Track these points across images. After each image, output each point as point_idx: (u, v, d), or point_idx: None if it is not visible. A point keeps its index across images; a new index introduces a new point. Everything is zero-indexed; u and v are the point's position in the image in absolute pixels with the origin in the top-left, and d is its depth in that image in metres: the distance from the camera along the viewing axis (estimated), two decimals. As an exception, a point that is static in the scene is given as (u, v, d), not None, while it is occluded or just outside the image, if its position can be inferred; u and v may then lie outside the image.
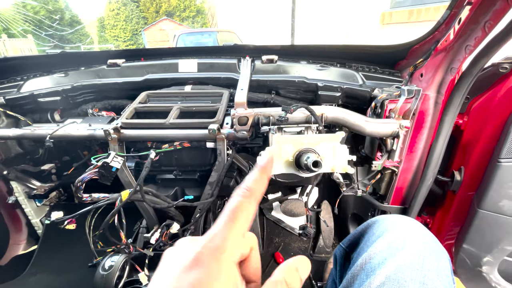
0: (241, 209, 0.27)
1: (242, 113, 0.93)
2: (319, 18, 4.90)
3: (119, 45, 16.13)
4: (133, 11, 16.07)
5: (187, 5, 15.99)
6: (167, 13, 15.46)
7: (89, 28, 17.36)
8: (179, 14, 15.87)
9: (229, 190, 1.09)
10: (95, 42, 16.97)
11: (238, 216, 0.27)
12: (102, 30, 16.62)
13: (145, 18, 16.07)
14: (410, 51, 0.93)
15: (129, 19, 16.12)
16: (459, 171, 0.98)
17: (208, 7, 16.68)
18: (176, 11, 15.84)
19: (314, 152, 0.60)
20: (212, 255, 0.24)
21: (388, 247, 0.53)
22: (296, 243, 1.49)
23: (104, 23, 16.48)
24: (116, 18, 16.06)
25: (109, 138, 0.91)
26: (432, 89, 0.85)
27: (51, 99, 1.17)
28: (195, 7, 16.24)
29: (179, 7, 15.86)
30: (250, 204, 0.28)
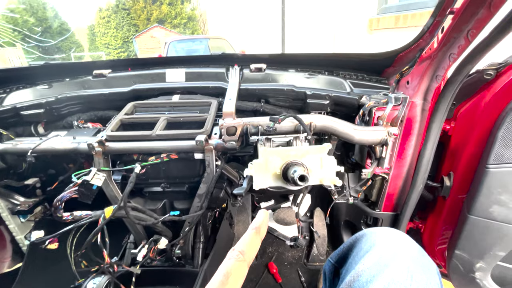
0: (233, 273, 0.29)
1: (230, 123, 0.91)
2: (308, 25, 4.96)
3: (110, 52, 16.03)
4: (124, 18, 16.03)
5: (178, 12, 16.03)
6: (158, 20, 15.46)
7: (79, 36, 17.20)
8: (170, 21, 15.89)
9: (219, 201, 1.07)
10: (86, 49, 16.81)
11: (230, 281, 0.29)
12: (92, 38, 16.49)
13: (136, 25, 16.03)
14: (396, 58, 0.93)
15: (120, 26, 16.06)
16: (449, 177, 0.98)
17: (199, 14, 16.77)
18: (167, 18, 15.86)
19: (301, 165, 0.59)
20: None
21: (376, 264, 0.52)
22: (290, 252, 1.47)
23: (94, 31, 16.37)
24: (106, 26, 15.99)
25: (93, 151, 0.89)
26: (419, 96, 0.85)
27: (34, 112, 1.14)
28: (186, 14, 16.29)
29: (170, 14, 15.88)
30: (242, 268, 0.30)
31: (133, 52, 15.21)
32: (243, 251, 0.31)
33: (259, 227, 0.33)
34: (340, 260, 0.64)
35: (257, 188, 0.60)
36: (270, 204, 1.56)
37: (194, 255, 1.01)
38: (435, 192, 1.06)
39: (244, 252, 0.31)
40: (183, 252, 0.98)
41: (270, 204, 1.56)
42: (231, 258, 0.30)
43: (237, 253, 0.30)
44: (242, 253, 0.30)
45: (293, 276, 1.35)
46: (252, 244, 0.32)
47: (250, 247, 0.32)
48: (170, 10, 15.79)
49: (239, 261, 0.30)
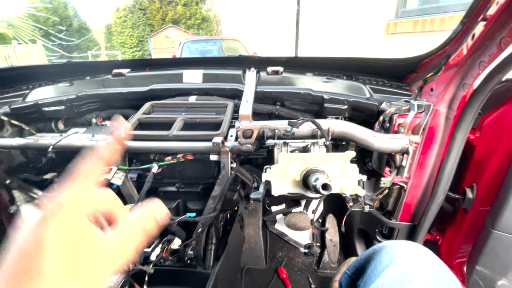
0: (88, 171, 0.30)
1: (247, 126, 0.91)
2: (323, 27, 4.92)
3: (125, 51, 16.39)
4: (140, 18, 16.37)
5: (192, 13, 16.24)
6: (173, 21, 15.70)
7: (96, 35, 17.68)
8: (184, 22, 16.11)
9: (232, 204, 1.06)
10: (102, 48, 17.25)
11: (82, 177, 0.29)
12: (109, 37, 16.91)
13: (151, 25, 16.33)
14: (420, 64, 0.91)
15: (135, 26, 16.40)
16: (471, 188, 0.95)
17: (213, 15, 16.93)
18: (182, 18, 16.09)
19: (322, 173, 0.58)
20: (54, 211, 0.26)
21: (397, 279, 0.50)
22: (300, 258, 1.45)
23: (111, 30, 16.78)
24: (123, 25, 16.36)
25: (111, 150, 0.90)
26: (443, 104, 0.82)
27: (56, 109, 1.16)
28: (201, 15, 16.48)
29: (184, 15, 16.11)
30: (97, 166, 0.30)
31: (148, 51, 15.50)
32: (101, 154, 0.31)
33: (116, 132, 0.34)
34: (357, 272, 0.63)
35: (276, 194, 0.59)
36: (281, 208, 1.54)
37: (206, 256, 1.01)
38: (456, 204, 1.03)
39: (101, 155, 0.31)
40: (195, 253, 0.98)
41: (281, 208, 1.54)
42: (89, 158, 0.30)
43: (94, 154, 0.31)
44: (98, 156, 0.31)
45: (303, 283, 1.33)
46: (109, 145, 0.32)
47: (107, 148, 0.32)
48: (185, 11, 16.01)
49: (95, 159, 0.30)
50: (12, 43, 10.79)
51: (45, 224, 0.25)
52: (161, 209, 0.34)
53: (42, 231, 0.25)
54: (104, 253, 0.27)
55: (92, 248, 0.27)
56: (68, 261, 0.25)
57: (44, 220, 0.25)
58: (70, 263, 0.25)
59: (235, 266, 1.28)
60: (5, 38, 12.01)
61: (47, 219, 0.25)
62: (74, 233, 0.26)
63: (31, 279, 0.23)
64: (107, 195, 0.33)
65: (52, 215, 0.26)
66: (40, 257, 0.24)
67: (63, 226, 0.26)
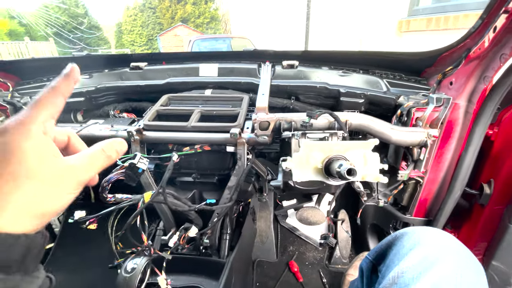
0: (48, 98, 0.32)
1: (263, 118, 0.92)
2: (333, 25, 4.90)
3: (134, 49, 16.58)
4: (150, 17, 16.54)
5: (201, 11, 16.32)
6: (182, 19, 15.81)
7: (107, 33, 17.94)
8: (193, 21, 16.20)
9: (246, 195, 1.08)
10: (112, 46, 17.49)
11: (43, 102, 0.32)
12: (119, 35, 17.13)
13: (160, 24, 16.48)
14: (439, 58, 0.90)
15: (145, 24, 16.58)
16: (489, 184, 0.94)
17: (222, 13, 16.98)
18: (191, 17, 16.19)
19: (345, 160, 0.59)
20: (18, 125, 0.28)
21: (422, 261, 0.51)
22: (311, 252, 1.45)
23: (121, 28, 17.00)
24: (133, 24, 16.56)
25: (132, 139, 0.92)
26: (463, 98, 0.82)
27: (76, 100, 1.20)
28: (210, 14, 16.55)
29: (194, 13, 16.20)
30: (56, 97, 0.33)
31: (157, 49, 15.65)
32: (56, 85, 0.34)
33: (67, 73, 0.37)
34: (379, 257, 0.63)
35: (298, 180, 0.60)
36: (293, 203, 1.55)
37: (221, 246, 1.03)
38: (472, 200, 1.02)
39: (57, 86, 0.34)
40: (210, 242, 1.00)
41: (293, 203, 1.55)
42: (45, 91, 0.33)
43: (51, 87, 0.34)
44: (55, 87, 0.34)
45: (314, 277, 1.33)
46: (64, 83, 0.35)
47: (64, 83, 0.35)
48: (194, 10, 16.11)
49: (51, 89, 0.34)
50: (24, 40, 11.04)
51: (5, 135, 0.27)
52: (121, 144, 0.39)
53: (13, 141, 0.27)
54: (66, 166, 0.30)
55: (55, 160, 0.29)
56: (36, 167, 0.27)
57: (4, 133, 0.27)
58: (38, 169, 0.27)
59: (247, 257, 1.30)
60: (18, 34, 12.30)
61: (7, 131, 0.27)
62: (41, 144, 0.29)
63: (5, 182, 0.25)
64: (69, 131, 0.38)
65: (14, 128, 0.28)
66: (12, 161, 0.26)
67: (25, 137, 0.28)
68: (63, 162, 0.31)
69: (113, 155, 0.37)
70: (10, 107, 1.13)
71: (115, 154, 0.37)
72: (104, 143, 0.37)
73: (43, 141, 0.29)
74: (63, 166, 0.30)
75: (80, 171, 0.32)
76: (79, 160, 0.33)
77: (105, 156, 0.35)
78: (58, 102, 0.33)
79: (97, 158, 0.35)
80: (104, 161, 0.35)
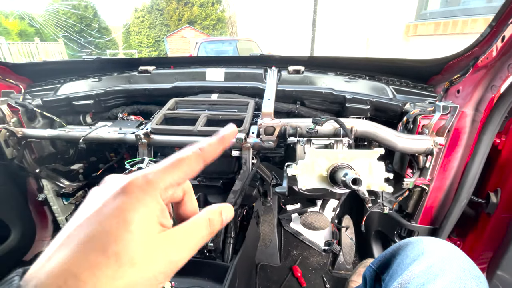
0: (186, 162, 0.28)
1: (269, 123, 0.93)
2: (340, 29, 4.89)
3: (142, 50, 16.77)
4: (157, 18, 16.72)
5: (208, 13, 16.43)
6: (189, 21, 15.94)
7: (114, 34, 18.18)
8: (200, 22, 16.32)
9: (251, 199, 1.08)
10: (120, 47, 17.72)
11: (180, 166, 0.27)
12: (127, 37, 17.35)
13: (168, 25, 16.64)
14: (446, 66, 0.90)
15: (153, 26, 16.76)
16: (495, 193, 0.93)
17: (228, 16, 17.08)
18: (197, 19, 16.31)
19: (350, 168, 0.59)
20: (140, 186, 0.24)
21: (425, 272, 0.51)
22: (315, 257, 1.45)
23: (129, 30, 17.22)
24: (141, 25, 16.75)
25: (139, 142, 0.94)
26: (470, 106, 0.82)
27: (85, 103, 1.22)
28: (216, 16, 16.66)
29: (200, 15, 16.32)
30: (196, 162, 0.29)
31: (164, 51, 15.80)
32: (203, 148, 0.30)
33: (224, 137, 0.32)
34: (382, 266, 0.63)
35: (303, 188, 0.60)
36: (297, 207, 1.55)
37: (225, 249, 1.04)
38: (478, 208, 1.01)
39: (203, 149, 0.30)
40: (214, 245, 1.01)
41: (297, 207, 1.55)
42: (189, 150, 0.29)
43: (197, 148, 0.30)
44: (201, 149, 0.30)
45: (318, 282, 1.33)
46: (213, 147, 0.31)
47: (211, 148, 0.30)
48: (201, 12, 16.23)
49: (197, 154, 0.29)
50: (34, 40, 11.24)
51: (132, 200, 0.24)
52: (229, 210, 0.31)
53: (129, 210, 0.23)
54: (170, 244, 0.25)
55: (163, 238, 0.25)
56: (144, 248, 0.23)
57: (126, 191, 0.24)
58: (144, 251, 0.23)
59: (251, 261, 1.30)
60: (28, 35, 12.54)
61: (129, 191, 0.24)
62: (155, 218, 0.25)
63: (107, 260, 0.21)
64: (186, 185, 0.32)
65: (136, 189, 0.24)
66: (122, 239, 0.22)
67: (142, 201, 0.24)
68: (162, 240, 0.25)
69: (217, 227, 0.30)
70: (22, 109, 1.16)
71: (219, 225, 0.30)
72: (211, 210, 0.30)
73: (158, 207, 0.25)
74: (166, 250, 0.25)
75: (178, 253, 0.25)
76: (181, 237, 0.26)
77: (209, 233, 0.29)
78: (195, 167, 0.29)
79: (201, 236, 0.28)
80: (206, 238, 0.28)
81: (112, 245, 0.22)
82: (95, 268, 0.21)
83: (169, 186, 0.26)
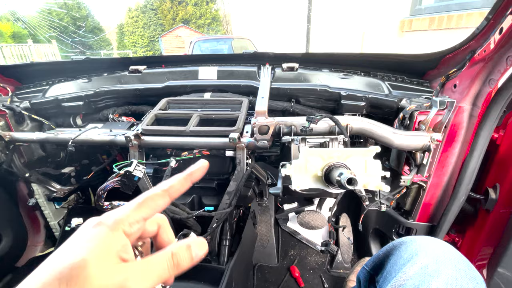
0: (153, 199, 0.31)
1: (263, 122, 0.91)
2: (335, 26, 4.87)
3: (136, 51, 16.62)
4: (151, 18, 16.57)
5: (203, 12, 16.32)
6: (184, 21, 15.82)
7: (109, 35, 18.00)
8: (195, 22, 16.20)
9: (246, 200, 1.06)
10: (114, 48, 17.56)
11: (146, 203, 0.30)
12: (121, 37, 17.20)
13: (162, 25, 16.50)
14: (442, 60, 0.88)
15: (147, 26, 16.61)
16: (494, 189, 0.92)
17: (223, 14, 16.98)
18: (192, 18, 16.19)
19: (346, 168, 0.57)
20: (109, 223, 0.28)
21: (420, 274, 0.49)
22: (313, 257, 1.43)
23: (123, 30, 17.06)
24: (135, 25, 16.60)
25: (129, 144, 0.91)
26: (467, 101, 0.80)
27: (74, 104, 1.19)
28: (211, 15, 16.55)
29: (195, 14, 16.20)
30: (162, 199, 0.32)
31: (159, 51, 15.67)
32: (172, 185, 0.32)
33: (193, 172, 0.35)
34: (376, 267, 0.62)
35: (297, 188, 0.58)
36: (294, 206, 1.53)
37: (220, 252, 1.02)
38: (477, 205, 1.00)
39: (172, 186, 0.32)
40: (209, 248, 0.98)
41: (294, 207, 1.54)
42: (157, 188, 0.32)
43: (167, 185, 0.32)
44: (170, 186, 0.32)
45: (316, 282, 1.31)
46: (181, 183, 0.33)
47: (178, 184, 0.33)
48: (195, 11, 16.11)
49: (164, 191, 0.32)
50: (27, 42, 11.10)
51: (99, 227, 0.28)
52: (200, 245, 0.31)
53: (89, 247, 0.26)
54: (126, 276, 0.27)
55: (119, 270, 0.27)
56: (98, 280, 0.25)
57: (99, 225, 0.28)
58: (99, 282, 0.25)
59: (248, 262, 1.28)
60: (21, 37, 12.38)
61: (102, 225, 0.28)
62: (113, 252, 0.27)
63: None
64: (161, 219, 0.35)
65: (107, 224, 0.28)
66: (79, 274, 0.25)
67: (108, 244, 0.27)
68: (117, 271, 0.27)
69: (184, 262, 0.30)
70: (9, 112, 1.13)
71: (187, 260, 0.30)
72: (178, 245, 0.31)
73: (117, 246, 0.28)
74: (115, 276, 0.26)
75: (129, 282, 0.27)
76: (142, 274, 0.28)
77: (170, 263, 0.29)
78: (161, 204, 0.31)
79: (165, 274, 0.29)
80: (166, 270, 0.29)
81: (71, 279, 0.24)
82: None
83: (135, 222, 0.29)
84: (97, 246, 0.27)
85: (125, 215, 0.29)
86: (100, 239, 0.27)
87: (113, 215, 0.29)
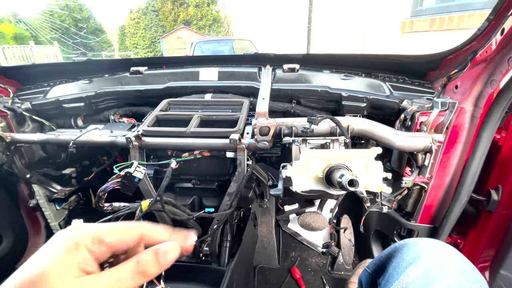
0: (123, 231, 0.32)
1: (263, 123, 0.90)
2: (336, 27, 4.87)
3: (138, 52, 16.69)
4: (153, 20, 16.64)
5: (204, 14, 16.37)
6: (185, 22, 15.88)
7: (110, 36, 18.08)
8: (196, 23, 16.25)
9: (247, 201, 1.06)
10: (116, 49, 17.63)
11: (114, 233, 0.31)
12: (122, 38, 17.27)
13: (163, 26, 16.56)
14: (443, 61, 0.88)
15: (148, 27, 16.68)
16: (496, 190, 0.91)
17: (224, 15, 17.03)
18: (193, 19, 16.24)
19: (347, 169, 0.56)
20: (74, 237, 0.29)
21: (422, 276, 0.49)
22: (314, 258, 1.43)
23: (125, 31, 17.13)
24: (136, 27, 16.67)
25: (130, 145, 0.91)
26: (469, 102, 0.79)
27: (75, 105, 1.19)
28: (212, 16, 16.60)
29: (196, 16, 16.25)
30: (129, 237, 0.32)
31: (160, 52, 15.72)
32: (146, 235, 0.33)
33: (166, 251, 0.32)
34: (378, 270, 0.61)
35: (298, 190, 0.58)
36: (295, 207, 1.53)
37: (221, 253, 1.01)
38: (479, 206, 0.99)
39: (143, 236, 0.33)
40: (210, 249, 0.98)
41: (294, 208, 1.53)
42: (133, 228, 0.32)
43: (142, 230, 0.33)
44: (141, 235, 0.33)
45: (317, 284, 1.31)
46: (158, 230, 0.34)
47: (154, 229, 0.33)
48: (196, 12, 16.16)
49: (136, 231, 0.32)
50: (29, 44, 11.16)
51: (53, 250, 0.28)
52: (171, 249, 0.32)
53: (50, 258, 0.27)
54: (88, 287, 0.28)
55: (80, 282, 0.28)
56: None
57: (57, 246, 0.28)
58: None
59: (249, 264, 1.28)
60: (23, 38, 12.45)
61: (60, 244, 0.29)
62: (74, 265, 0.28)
63: None
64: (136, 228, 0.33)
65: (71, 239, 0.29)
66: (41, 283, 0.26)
67: (69, 258, 0.28)
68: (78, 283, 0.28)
69: (152, 268, 0.30)
70: (11, 113, 1.13)
71: (153, 266, 0.30)
72: (142, 253, 0.31)
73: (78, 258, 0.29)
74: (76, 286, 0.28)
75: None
76: (101, 278, 0.28)
77: (135, 270, 0.29)
78: (128, 242, 0.32)
79: (122, 274, 0.29)
80: (129, 278, 0.29)
81: None
82: None
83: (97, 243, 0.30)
84: (59, 258, 0.28)
85: (90, 232, 0.30)
86: (62, 252, 0.28)
87: (80, 230, 0.30)
